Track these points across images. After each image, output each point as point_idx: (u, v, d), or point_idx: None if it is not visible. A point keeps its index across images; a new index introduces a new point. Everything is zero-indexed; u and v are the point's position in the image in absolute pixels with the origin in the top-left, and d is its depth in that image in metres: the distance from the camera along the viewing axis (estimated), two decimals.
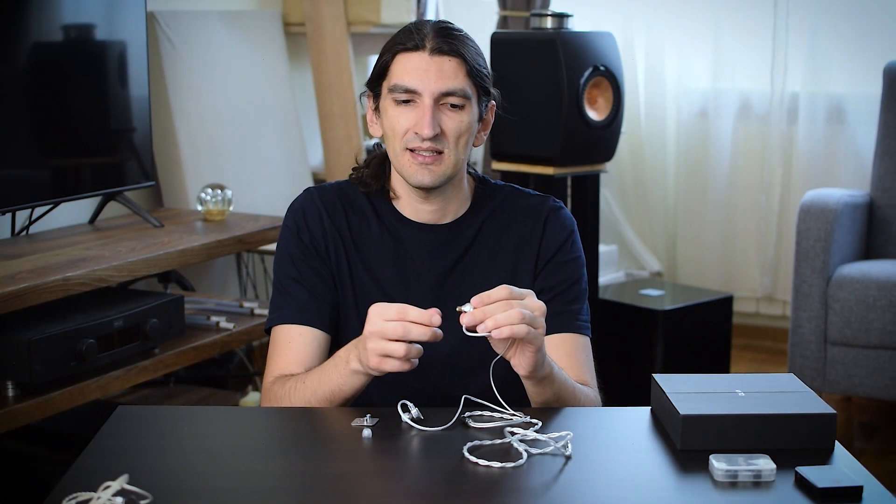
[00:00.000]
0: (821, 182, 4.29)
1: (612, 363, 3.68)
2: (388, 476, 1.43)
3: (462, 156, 1.77)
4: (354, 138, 4.02)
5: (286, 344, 1.79)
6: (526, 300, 1.53)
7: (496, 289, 1.52)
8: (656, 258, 4.75)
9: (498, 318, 1.49)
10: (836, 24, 4.29)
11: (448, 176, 1.77)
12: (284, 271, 1.83)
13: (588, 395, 1.75)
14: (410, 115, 1.74)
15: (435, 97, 1.72)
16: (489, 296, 1.51)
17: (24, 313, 2.48)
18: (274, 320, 1.81)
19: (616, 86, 3.42)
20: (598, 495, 1.38)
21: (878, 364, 3.37)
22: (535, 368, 1.58)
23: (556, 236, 1.86)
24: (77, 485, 1.33)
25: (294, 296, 1.80)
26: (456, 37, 1.75)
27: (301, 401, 1.69)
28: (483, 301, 1.51)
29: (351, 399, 1.66)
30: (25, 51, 2.78)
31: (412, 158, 1.75)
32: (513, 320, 1.49)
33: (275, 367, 1.78)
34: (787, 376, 1.65)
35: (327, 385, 1.66)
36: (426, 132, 1.71)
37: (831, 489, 1.35)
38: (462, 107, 1.74)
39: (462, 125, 1.75)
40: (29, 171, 2.85)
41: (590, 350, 1.85)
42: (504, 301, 1.51)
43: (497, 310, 1.50)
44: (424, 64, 1.72)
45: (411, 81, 1.73)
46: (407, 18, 4.12)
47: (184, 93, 3.61)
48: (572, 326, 1.82)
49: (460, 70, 1.74)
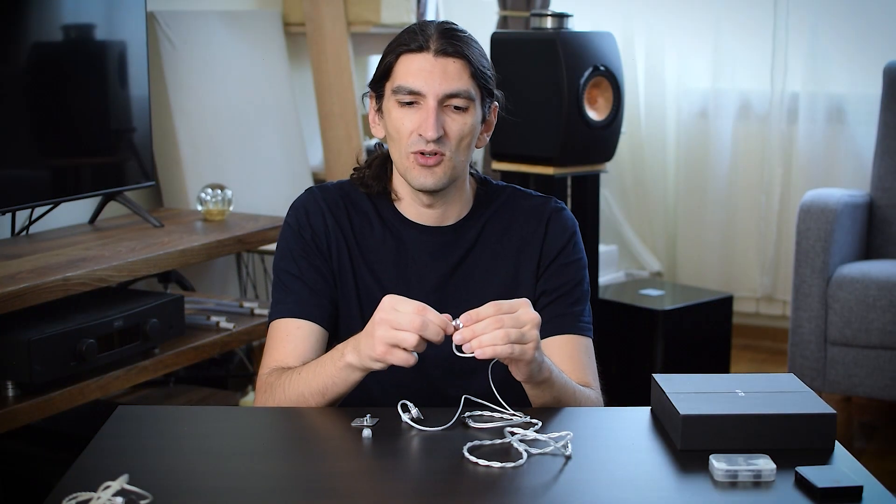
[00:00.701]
0: (821, 182, 4.29)
1: (612, 363, 3.68)
2: (388, 476, 1.43)
3: (464, 158, 1.77)
4: (354, 138, 4.02)
5: (284, 336, 1.78)
6: (518, 313, 1.52)
7: (485, 306, 1.51)
8: (656, 258, 4.75)
9: (482, 339, 1.49)
10: (836, 24, 4.29)
11: (450, 178, 1.76)
12: (284, 268, 1.82)
13: (589, 396, 1.75)
14: (414, 117, 1.73)
15: (439, 99, 1.72)
16: (478, 314, 1.50)
17: (24, 313, 2.48)
18: (273, 315, 1.81)
19: (616, 86, 3.42)
20: (598, 495, 1.38)
21: (878, 364, 3.37)
22: (531, 376, 1.58)
23: (558, 238, 1.85)
24: (77, 485, 1.33)
25: (294, 291, 1.80)
26: (460, 38, 1.75)
27: (294, 393, 1.68)
28: (472, 319, 1.50)
29: (343, 395, 1.65)
30: (25, 51, 2.78)
31: (416, 161, 1.74)
32: (496, 341, 1.49)
33: (271, 359, 1.77)
34: (787, 376, 1.65)
35: (321, 378, 1.65)
36: (430, 134, 1.71)
37: (831, 489, 1.35)
38: (466, 109, 1.74)
39: (465, 127, 1.74)
40: (29, 171, 2.85)
41: (592, 352, 1.85)
42: (493, 318, 1.50)
43: (485, 329, 1.49)
44: (429, 65, 1.72)
45: (415, 83, 1.72)
46: (407, 18, 4.12)
47: (184, 93, 3.61)
48: (574, 328, 1.82)
49: (464, 72, 1.73)
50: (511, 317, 1.51)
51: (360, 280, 1.82)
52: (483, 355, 1.49)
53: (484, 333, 1.49)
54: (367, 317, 1.80)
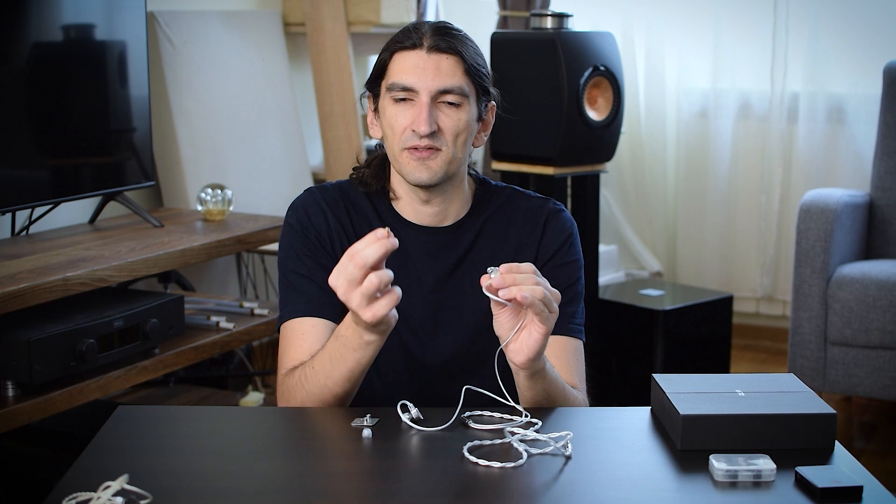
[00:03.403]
0: (821, 182, 4.29)
1: (612, 363, 3.68)
2: (388, 476, 1.43)
3: (460, 154, 1.77)
4: (354, 138, 4.02)
5: (300, 336, 1.76)
6: (548, 283, 1.55)
7: (526, 263, 1.54)
8: (656, 258, 4.75)
9: (524, 287, 1.51)
10: (836, 24, 4.29)
11: (445, 173, 1.76)
12: (291, 268, 1.81)
13: (577, 397, 1.75)
14: (408, 113, 1.74)
15: (432, 94, 1.72)
16: (519, 267, 1.53)
17: (24, 313, 2.48)
18: (285, 316, 1.79)
19: (616, 86, 3.42)
20: (598, 495, 1.38)
21: (878, 364, 3.37)
22: (536, 355, 1.57)
23: (554, 239, 1.85)
24: (77, 485, 1.33)
25: (304, 291, 1.79)
26: (454, 35, 1.76)
27: (316, 386, 1.66)
28: (512, 270, 1.52)
29: (365, 371, 1.65)
30: (25, 51, 2.78)
31: (410, 155, 1.75)
32: (536, 294, 1.51)
33: (288, 359, 1.76)
34: (787, 376, 1.65)
35: (344, 364, 1.62)
36: (423, 129, 1.71)
37: (831, 489, 1.35)
38: (459, 105, 1.74)
39: (460, 123, 1.75)
40: (29, 171, 2.85)
41: (581, 354, 1.85)
42: (532, 274, 1.53)
43: (525, 281, 1.51)
44: (422, 62, 1.73)
45: (408, 79, 1.73)
46: (407, 18, 4.12)
47: (184, 93, 3.61)
48: (566, 329, 1.82)
49: (458, 68, 1.74)
50: (546, 282, 1.54)
51: None
52: (524, 300, 1.50)
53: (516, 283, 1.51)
54: None
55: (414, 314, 1.82)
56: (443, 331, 1.83)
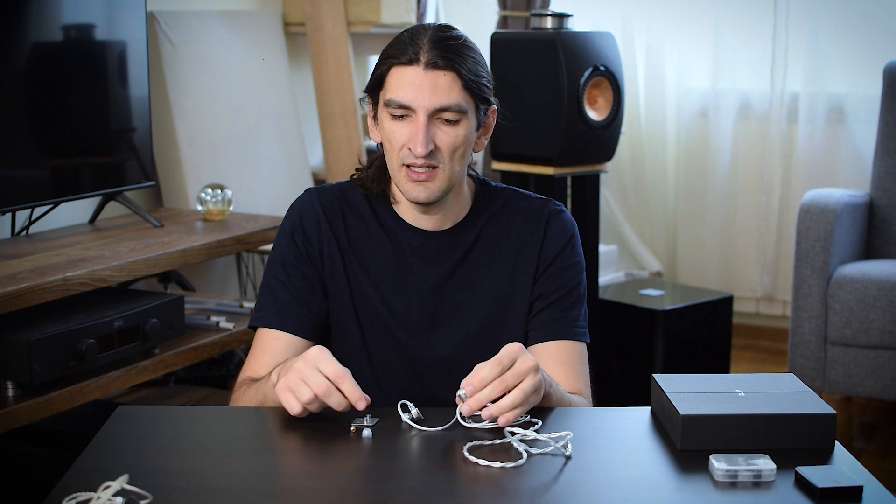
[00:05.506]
0: (821, 182, 4.29)
1: (612, 363, 3.68)
2: (388, 476, 1.43)
3: (458, 168, 1.76)
4: (354, 138, 4.02)
5: (261, 348, 1.81)
6: (517, 364, 1.53)
7: (484, 367, 1.51)
8: (656, 258, 4.75)
9: (492, 409, 1.50)
10: (836, 24, 4.29)
11: (444, 190, 1.76)
12: (273, 272, 1.84)
13: (579, 404, 1.76)
14: (405, 130, 1.72)
15: (429, 113, 1.70)
16: (481, 379, 1.51)
17: (24, 313, 2.48)
18: (255, 320, 1.84)
19: (616, 86, 3.42)
20: (598, 495, 1.38)
21: (878, 364, 3.37)
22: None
23: (556, 241, 1.85)
24: (77, 485, 1.33)
25: (277, 299, 1.82)
26: (452, 48, 1.71)
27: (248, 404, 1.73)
28: (475, 387, 1.50)
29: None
30: (25, 51, 2.78)
31: (408, 175, 1.74)
32: (504, 409, 1.50)
33: (248, 368, 1.81)
34: (787, 376, 1.65)
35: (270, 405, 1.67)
36: (419, 150, 1.70)
37: (831, 489, 1.35)
38: (457, 121, 1.72)
39: (457, 140, 1.73)
40: (29, 171, 2.85)
41: (585, 357, 1.85)
42: (497, 382, 1.51)
43: (491, 395, 1.50)
44: (419, 79, 1.70)
45: (405, 97, 1.70)
46: (407, 18, 4.11)
47: (184, 93, 3.61)
48: (570, 333, 1.82)
49: (455, 84, 1.71)
50: (512, 373, 1.52)
51: (354, 285, 1.82)
52: (507, 422, 1.50)
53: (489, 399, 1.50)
54: (363, 322, 1.81)
55: (411, 316, 1.82)
56: (442, 331, 1.82)
